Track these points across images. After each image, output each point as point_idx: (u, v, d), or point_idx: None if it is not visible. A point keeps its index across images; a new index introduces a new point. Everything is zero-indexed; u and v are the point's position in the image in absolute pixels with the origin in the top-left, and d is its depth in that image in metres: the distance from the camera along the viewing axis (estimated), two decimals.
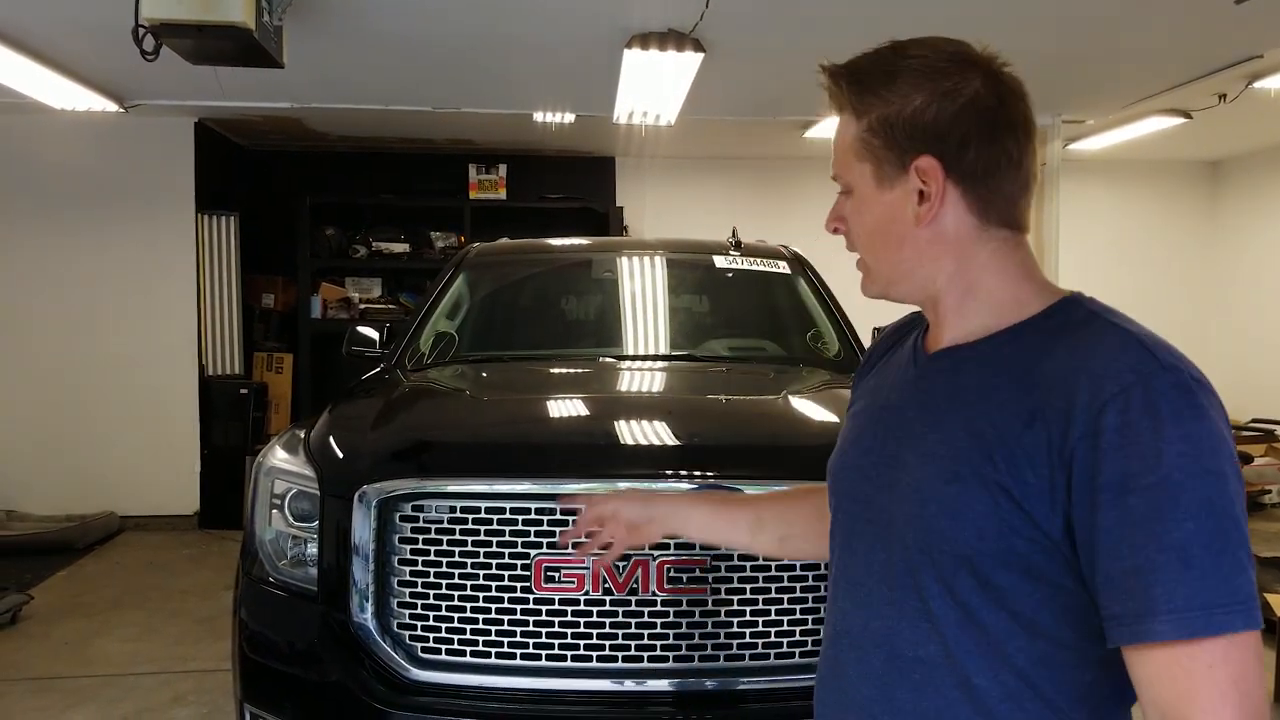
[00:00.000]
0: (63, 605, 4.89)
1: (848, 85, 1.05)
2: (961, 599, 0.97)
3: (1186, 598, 0.84)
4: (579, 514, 1.44)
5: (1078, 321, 1.00)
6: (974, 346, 1.04)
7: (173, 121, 6.30)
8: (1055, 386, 0.93)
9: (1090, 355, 0.93)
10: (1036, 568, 0.94)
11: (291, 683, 2.17)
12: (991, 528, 0.94)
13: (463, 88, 5.34)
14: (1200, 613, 0.84)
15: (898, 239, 1.05)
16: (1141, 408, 0.88)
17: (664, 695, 1.99)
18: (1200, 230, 8.22)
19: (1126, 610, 0.87)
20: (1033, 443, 0.92)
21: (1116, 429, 0.88)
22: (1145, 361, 0.91)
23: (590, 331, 3.62)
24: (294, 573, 2.24)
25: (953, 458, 0.98)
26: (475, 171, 7.27)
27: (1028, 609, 0.95)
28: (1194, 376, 0.92)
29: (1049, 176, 5.86)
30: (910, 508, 1.01)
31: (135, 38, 3.21)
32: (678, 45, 4.21)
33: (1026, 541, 0.93)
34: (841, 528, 1.14)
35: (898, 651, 1.02)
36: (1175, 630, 0.84)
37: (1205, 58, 4.77)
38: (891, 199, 1.04)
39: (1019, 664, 0.96)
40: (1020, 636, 0.96)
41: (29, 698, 3.73)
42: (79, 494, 6.35)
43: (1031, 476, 0.92)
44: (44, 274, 6.38)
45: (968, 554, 0.96)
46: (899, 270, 1.07)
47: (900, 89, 1.02)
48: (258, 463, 2.41)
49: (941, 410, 1.03)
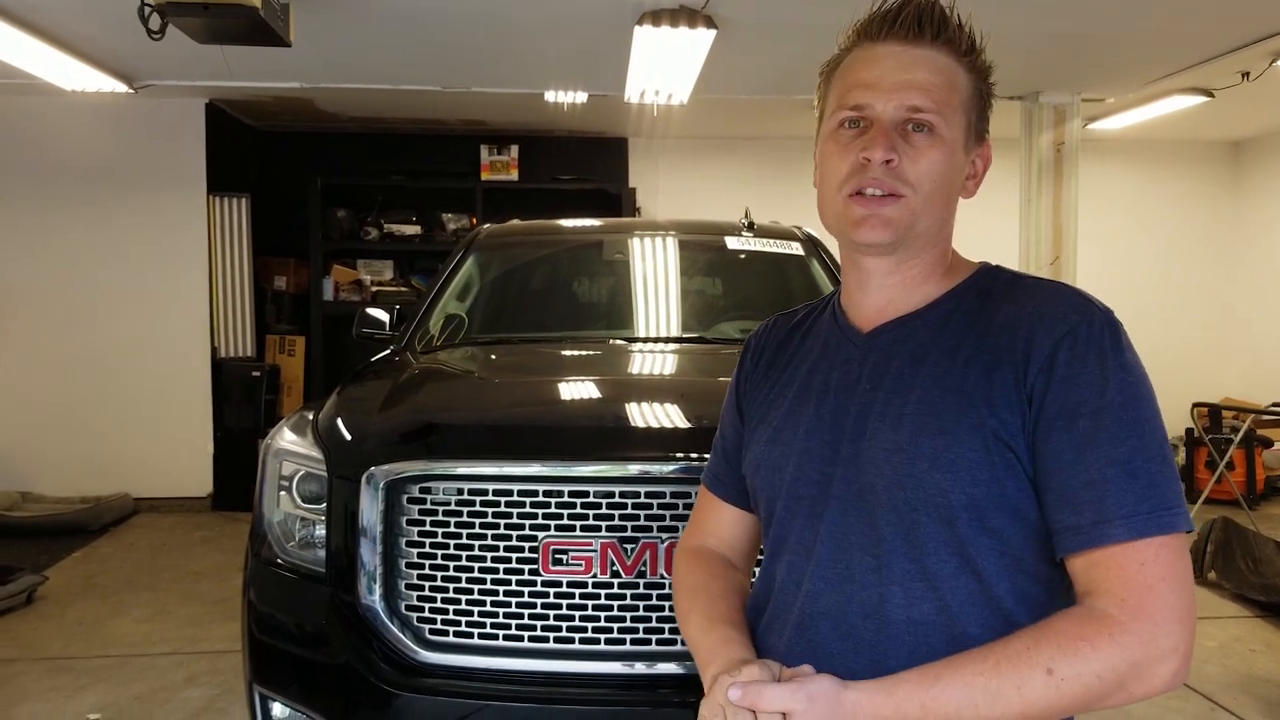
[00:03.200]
0: (77, 586, 4.92)
1: (976, 47, 1.10)
2: (959, 548, 1.03)
3: (1133, 504, 0.96)
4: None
5: (1007, 282, 1.12)
6: (921, 315, 1.11)
7: (183, 103, 6.28)
8: (1011, 334, 1.03)
9: (1036, 303, 1.05)
10: (1022, 506, 1.02)
11: (300, 664, 2.16)
12: (985, 473, 1.01)
13: (473, 67, 5.30)
14: (1148, 516, 0.96)
15: (953, 196, 1.11)
16: (1086, 341, 1.00)
17: (673, 678, 1.97)
18: (1222, 211, 8.10)
19: (1084, 520, 0.97)
20: (1003, 385, 1.02)
21: (1067, 362, 1.00)
22: (1084, 305, 1.04)
23: (601, 313, 3.59)
24: (302, 554, 2.23)
25: (934, 414, 1.04)
26: (487, 152, 7.23)
27: (1015, 546, 1.03)
28: (1116, 317, 1.05)
29: (1067, 156, 5.78)
30: (894, 470, 1.04)
31: (141, 16, 3.19)
32: (689, 22, 4.16)
33: (1015, 481, 1.01)
34: (788, 515, 1.14)
35: (889, 618, 1.04)
36: (1128, 532, 0.95)
37: (1227, 34, 4.68)
38: (962, 161, 1.10)
39: (1006, 605, 1.03)
40: (1009, 577, 1.03)
41: (45, 677, 3.76)
42: (93, 476, 6.39)
43: (1008, 416, 1.01)
44: (56, 256, 6.39)
45: (965, 502, 1.02)
46: (934, 223, 1.10)
47: (990, 72, 1.12)
48: (266, 444, 2.40)
49: (907, 375, 1.08)
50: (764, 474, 1.17)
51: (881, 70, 1.06)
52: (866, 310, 1.14)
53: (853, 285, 1.17)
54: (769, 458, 1.17)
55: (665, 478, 1.97)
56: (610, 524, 1.95)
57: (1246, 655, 4.02)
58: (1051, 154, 5.77)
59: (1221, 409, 6.60)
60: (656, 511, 1.96)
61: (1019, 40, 4.59)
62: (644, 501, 1.96)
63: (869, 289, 1.14)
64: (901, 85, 1.05)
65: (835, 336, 1.18)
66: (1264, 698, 3.60)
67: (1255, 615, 4.49)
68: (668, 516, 1.95)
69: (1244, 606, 4.58)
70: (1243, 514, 5.58)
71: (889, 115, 1.05)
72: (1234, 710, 3.49)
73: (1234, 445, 6.00)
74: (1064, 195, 5.78)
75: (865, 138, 1.06)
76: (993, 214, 6.80)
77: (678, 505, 1.96)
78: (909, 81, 1.05)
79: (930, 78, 1.05)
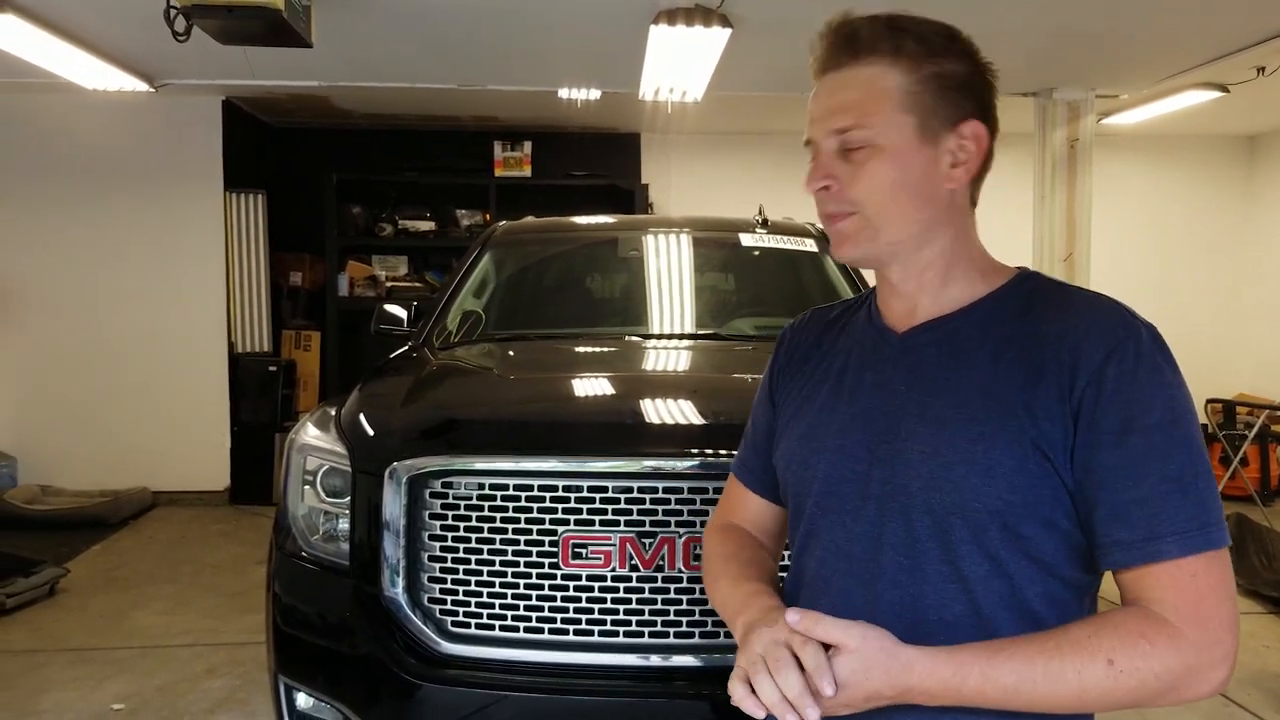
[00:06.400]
0: (98, 578, 4.99)
1: (895, 36, 1.09)
2: (991, 552, 1.03)
3: (1186, 520, 0.97)
4: None
5: (1050, 289, 1.12)
6: (957, 317, 1.11)
7: (201, 100, 6.34)
8: (1058, 345, 1.03)
9: (1081, 315, 1.05)
10: (1056, 516, 1.03)
11: (324, 655, 2.20)
12: (1022, 481, 1.01)
13: (488, 65, 5.33)
14: (1198, 532, 0.97)
15: (926, 196, 1.09)
16: (1136, 358, 1.01)
17: (690, 670, 2.01)
18: (1237, 206, 8.07)
19: (1135, 536, 0.98)
20: (1045, 396, 1.02)
21: (1116, 377, 1.00)
22: (1129, 320, 1.04)
23: (616, 310, 3.62)
24: (326, 548, 2.27)
25: (973, 420, 1.04)
26: (500, 149, 7.26)
27: (1047, 554, 1.04)
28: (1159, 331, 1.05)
29: (1081, 151, 5.77)
30: (931, 472, 1.05)
31: (167, 19, 3.24)
32: (705, 20, 4.18)
33: (1051, 491, 1.02)
34: (819, 512, 1.14)
35: (922, 617, 1.05)
36: (1181, 548, 0.97)
37: (1243, 30, 4.67)
38: (930, 155, 1.08)
39: (1036, 610, 1.04)
40: (1041, 583, 1.04)
41: (68, 668, 3.82)
42: (113, 470, 6.47)
43: (1049, 427, 1.01)
44: (75, 251, 6.46)
45: (1000, 508, 1.02)
46: (908, 229, 1.10)
47: (955, 51, 1.09)
48: (290, 439, 2.44)
49: (946, 377, 1.08)
50: (795, 470, 1.19)
51: (816, 103, 1.15)
52: (898, 312, 1.16)
53: (883, 290, 1.20)
54: (800, 454, 1.18)
55: (682, 473, 2.00)
56: (629, 519, 1.99)
57: (1260, 651, 4.02)
58: (1065, 150, 5.77)
59: (1236, 405, 6.59)
60: (674, 506, 1.99)
61: (1033, 36, 4.59)
62: (662, 496, 1.99)
63: (893, 293, 1.17)
64: (828, 112, 1.11)
65: (870, 335, 1.19)
66: (1276, 693, 3.61)
67: (1269, 611, 4.50)
68: (685, 511, 1.99)
69: (1257, 602, 4.58)
70: (1257, 510, 5.58)
71: (827, 144, 1.12)
72: (1247, 705, 3.50)
73: (1248, 441, 5.99)
74: (1078, 191, 5.77)
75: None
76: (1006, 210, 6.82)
77: (695, 500, 1.99)
78: (833, 106, 1.11)
79: (852, 95, 1.09)
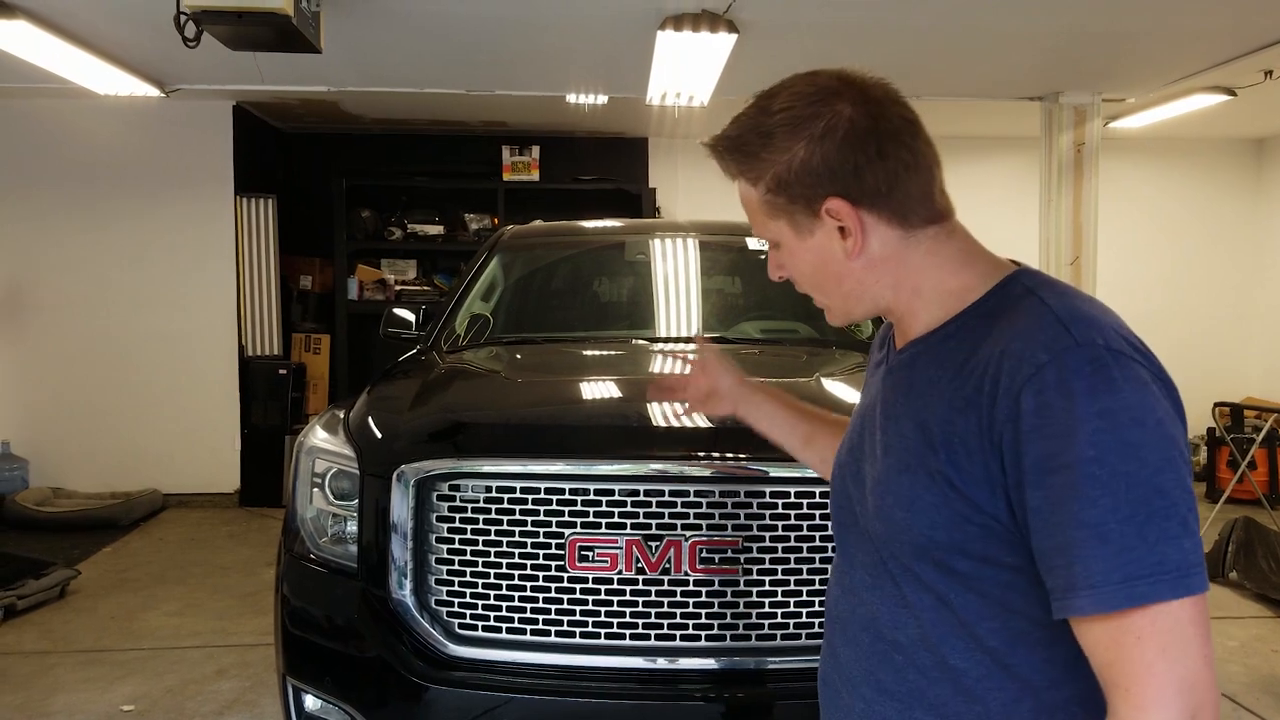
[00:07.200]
0: (109, 580, 5.02)
1: (731, 157, 1.10)
2: (929, 585, 1.00)
3: (1104, 573, 0.86)
4: (693, 360, 1.53)
5: (1011, 301, 1.00)
6: (925, 340, 1.06)
7: (212, 105, 6.38)
8: (983, 371, 0.95)
9: (1012, 337, 0.95)
10: (993, 552, 0.96)
11: (332, 657, 2.22)
12: (943, 518, 0.97)
13: (496, 70, 5.36)
14: (1118, 586, 0.85)
15: (836, 275, 1.08)
16: (1055, 387, 0.89)
17: (696, 673, 2.02)
18: (1245, 210, 8.04)
19: (1056, 585, 0.90)
20: (965, 429, 0.95)
21: (1033, 411, 0.90)
22: (1059, 339, 0.92)
23: (623, 313, 3.64)
24: (334, 550, 2.29)
25: (905, 450, 1.01)
26: (509, 153, 7.29)
27: (995, 590, 0.97)
28: (1111, 348, 0.91)
29: (1088, 155, 5.77)
30: (875, 500, 1.05)
31: (177, 25, 3.26)
32: (711, 26, 4.19)
33: (979, 528, 0.95)
34: (833, 519, 1.20)
35: (880, 634, 1.06)
36: (1094, 605, 0.87)
37: (1250, 34, 4.66)
38: (816, 243, 1.07)
39: (992, 645, 0.98)
40: (993, 618, 0.98)
41: (79, 669, 3.85)
42: (123, 472, 6.51)
43: (967, 463, 0.94)
44: (86, 255, 6.51)
45: (924, 544, 0.99)
46: (849, 300, 1.11)
47: (779, 146, 1.04)
48: (299, 442, 2.46)
49: (899, 405, 1.05)
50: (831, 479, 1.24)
51: None
52: (901, 331, 1.15)
53: None
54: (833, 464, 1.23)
55: (688, 476, 2.01)
56: (635, 521, 2.00)
57: (1268, 655, 4.01)
58: (1072, 154, 5.76)
59: (1243, 408, 6.57)
60: (680, 510, 2.00)
61: (1039, 40, 4.59)
62: (668, 500, 2.00)
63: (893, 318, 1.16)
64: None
65: (885, 354, 1.20)
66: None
67: (1277, 615, 4.48)
68: (691, 515, 2.00)
69: (1266, 606, 4.57)
70: (1265, 513, 5.56)
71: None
72: (1256, 710, 3.49)
73: (1256, 444, 5.98)
74: (1084, 195, 5.76)
75: None
76: (1013, 214, 6.82)
77: (701, 504, 2.00)
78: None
79: (745, 207, 1.14)
